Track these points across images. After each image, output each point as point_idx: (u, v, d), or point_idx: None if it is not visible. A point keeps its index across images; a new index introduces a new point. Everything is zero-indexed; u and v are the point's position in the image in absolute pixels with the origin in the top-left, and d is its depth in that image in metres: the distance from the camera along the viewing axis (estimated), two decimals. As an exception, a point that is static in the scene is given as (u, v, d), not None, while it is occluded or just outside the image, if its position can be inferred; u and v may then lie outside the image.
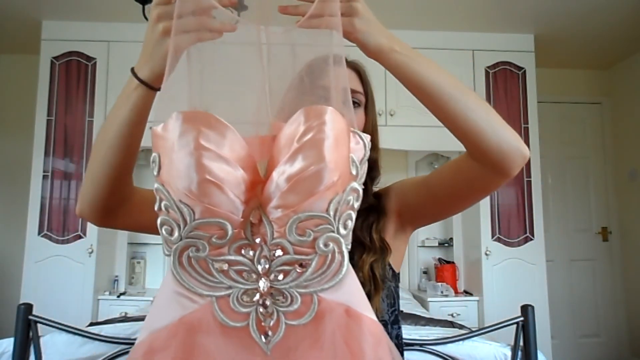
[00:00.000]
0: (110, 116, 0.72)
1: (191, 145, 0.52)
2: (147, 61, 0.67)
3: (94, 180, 0.75)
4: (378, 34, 0.69)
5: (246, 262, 0.55)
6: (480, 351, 1.50)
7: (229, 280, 0.55)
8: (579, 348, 3.88)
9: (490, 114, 0.71)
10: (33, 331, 1.35)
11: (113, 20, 3.25)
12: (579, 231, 4.06)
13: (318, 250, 0.55)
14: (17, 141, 3.69)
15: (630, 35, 3.52)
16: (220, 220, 0.53)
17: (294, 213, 0.54)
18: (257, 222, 0.55)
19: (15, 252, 3.42)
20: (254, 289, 0.55)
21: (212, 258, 0.54)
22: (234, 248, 0.55)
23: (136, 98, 0.68)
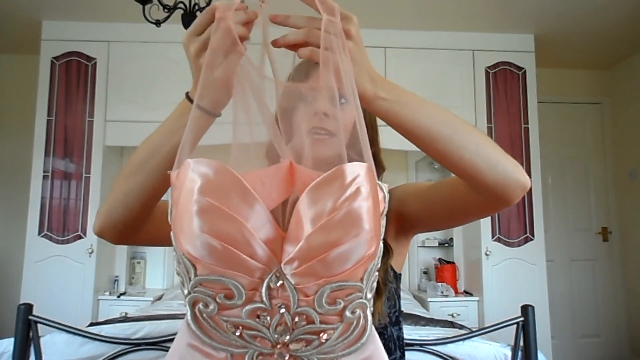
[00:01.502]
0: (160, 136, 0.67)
1: (194, 197, 0.48)
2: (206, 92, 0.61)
3: (125, 202, 0.70)
4: (362, 77, 0.60)
5: (262, 329, 0.51)
6: (480, 351, 1.50)
7: (243, 341, 0.51)
8: (579, 348, 3.88)
9: (486, 148, 0.67)
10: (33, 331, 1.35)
11: (113, 20, 3.25)
12: (579, 231, 4.06)
13: (345, 318, 0.51)
14: (17, 141, 3.69)
15: (630, 35, 3.52)
16: (223, 279, 0.49)
17: (326, 283, 0.49)
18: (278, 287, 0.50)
19: (15, 252, 3.42)
20: (270, 353, 0.51)
21: (222, 317, 0.51)
22: (248, 311, 0.50)
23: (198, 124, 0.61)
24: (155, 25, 2.21)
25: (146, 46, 3.28)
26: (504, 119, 3.40)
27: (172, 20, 2.25)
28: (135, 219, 0.73)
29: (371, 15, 3.22)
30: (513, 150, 3.38)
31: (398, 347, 0.92)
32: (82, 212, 3.16)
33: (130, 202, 0.70)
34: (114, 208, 0.73)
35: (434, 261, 3.67)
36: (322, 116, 0.74)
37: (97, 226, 0.75)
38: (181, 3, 2.20)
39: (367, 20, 3.28)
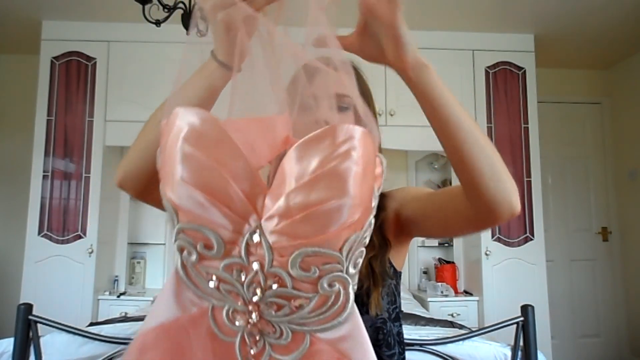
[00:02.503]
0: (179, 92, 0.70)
1: (178, 145, 0.48)
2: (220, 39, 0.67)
3: (147, 149, 0.71)
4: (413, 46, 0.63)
5: (237, 285, 0.49)
6: (480, 351, 1.50)
7: (219, 294, 0.50)
8: (579, 348, 3.88)
9: (496, 159, 0.68)
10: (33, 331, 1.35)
11: (113, 20, 3.25)
12: (579, 231, 4.06)
13: (320, 289, 0.48)
14: (17, 141, 3.69)
15: (630, 35, 3.52)
16: (202, 228, 0.48)
17: (301, 246, 0.47)
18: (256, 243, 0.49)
19: (15, 252, 3.42)
20: (243, 312, 0.50)
21: (201, 267, 0.50)
22: (225, 265, 0.49)
23: (217, 78, 0.68)
24: (155, 25, 2.21)
25: (146, 46, 3.28)
26: (504, 119, 3.40)
27: (172, 20, 2.25)
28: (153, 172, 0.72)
29: (371, 15, 3.22)
30: (513, 150, 3.38)
31: (398, 343, 0.92)
32: (82, 212, 3.16)
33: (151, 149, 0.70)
34: (133, 157, 0.74)
35: (434, 261, 3.67)
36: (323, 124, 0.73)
37: (118, 177, 0.76)
38: (181, 3, 2.20)
39: (367, 20, 3.28)
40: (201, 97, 0.70)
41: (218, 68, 0.68)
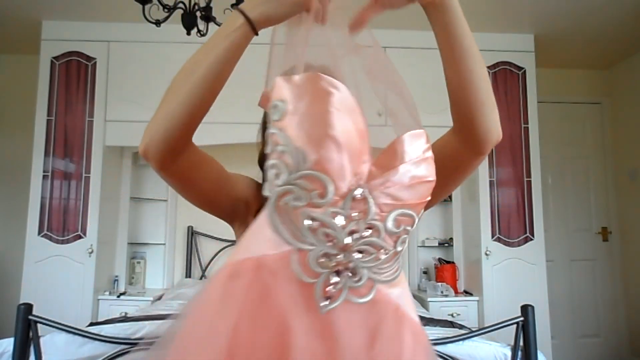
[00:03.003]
0: (200, 52, 0.73)
1: (325, 102, 0.56)
2: (265, 4, 0.69)
3: (172, 115, 0.72)
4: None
5: (337, 228, 0.56)
6: (480, 351, 1.50)
7: (314, 238, 0.57)
8: (579, 348, 3.88)
9: (491, 91, 0.76)
10: (33, 331, 1.35)
11: (113, 20, 3.25)
12: (579, 231, 4.06)
13: (398, 245, 0.60)
14: (17, 141, 3.69)
15: (630, 35, 3.52)
16: (326, 178, 0.55)
17: (401, 207, 0.59)
18: (360, 198, 0.57)
19: (15, 252, 3.42)
20: (334, 254, 0.57)
21: (307, 211, 0.56)
22: (329, 212, 0.56)
23: (236, 37, 0.70)
24: (155, 25, 2.21)
25: (146, 46, 3.28)
26: (504, 119, 3.40)
27: (172, 20, 2.25)
28: (179, 138, 0.74)
29: (371, 15, 3.22)
30: (513, 150, 3.38)
31: None
32: (82, 212, 3.16)
33: (175, 114, 0.72)
34: (157, 124, 0.73)
35: (434, 261, 3.67)
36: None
37: (142, 145, 0.74)
38: (181, 3, 2.20)
39: (367, 20, 3.27)
40: (226, 57, 0.71)
41: (244, 25, 0.70)
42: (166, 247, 3.64)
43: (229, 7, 2.23)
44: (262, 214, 0.60)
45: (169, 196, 3.63)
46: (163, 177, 0.80)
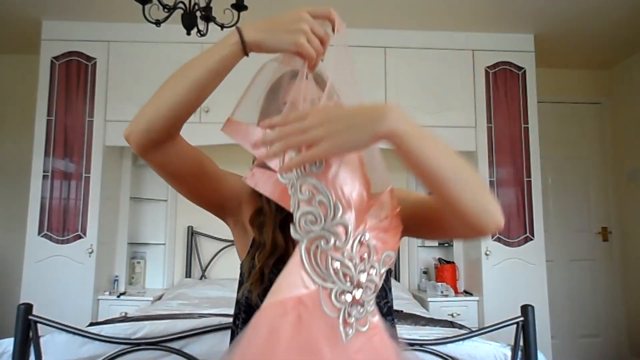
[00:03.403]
0: (195, 60, 0.78)
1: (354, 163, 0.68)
2: (263, 32, 0.75)
3: (158, 108, 0.78)
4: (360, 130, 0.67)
5: (352, 269, 0.67)
6: (480, 351, 1.50)
7: (335, 277, 0.66)
8: (579, 348, 3.88)
9: (480, 193, 0.72)
10: (33, 331, 1.35)
11: (113, 20, 3.25)
12: (579, 231, 4.06)
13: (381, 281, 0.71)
14: (17, 141, 3.69)
15: (630, 35, 3.52)
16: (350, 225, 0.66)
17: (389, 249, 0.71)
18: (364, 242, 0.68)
19: (15, 252, 3.42)
20: (349, 291, 0.67)
21: (332, 254, 0.66)
22: (347, 255, 0.67)
23: (228, 53, 0.75)
24: (155, 25, 2.21)
25: (146, 46, 3.28)
26: (504, 119, 3.40)
27: (172, 20, 2.25)
28: (161, 130, 0.80)
29: (371, 15, 3.22)
30: (513, 150, 3.38)
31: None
32: (82, 212, 3.16)
33: (162, 108, 0.79)
34: (144, 113, 0.80)
35: (434, 261, 3.67)
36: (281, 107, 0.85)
37: (127, 130, 0.80)
38: (181, 3, 2.20)
39: (367, 20, 3.28)
40: (216, 69, 0.76)
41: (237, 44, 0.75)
42: (166, 247, 3.64)
43: (229, 7, 2.23)
44: (294, 256, 0.67)
45: (169, 196, 3.63)
46: (144, 160, 0.85)
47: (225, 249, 3.59)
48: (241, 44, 0.74)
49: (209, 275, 3.63)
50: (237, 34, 0.75)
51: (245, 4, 2.24)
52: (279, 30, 0.74)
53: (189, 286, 3.25)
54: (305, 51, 0.74)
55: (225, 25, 2.31)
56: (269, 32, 0.74)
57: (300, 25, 0.73)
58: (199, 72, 0.76)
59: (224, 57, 0.75)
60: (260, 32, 0.74)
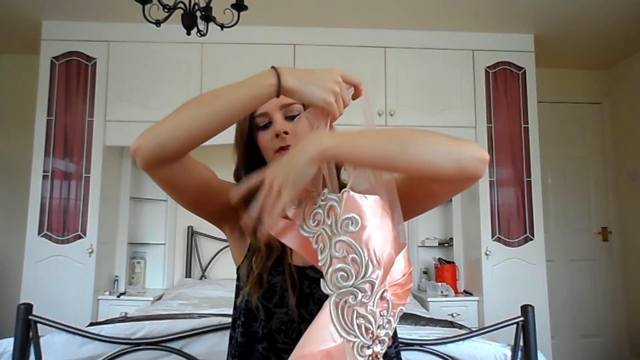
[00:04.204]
0: (226, 89, 0.79)
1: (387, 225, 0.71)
2: (300, 82, 0.78)
3: (176, 129, 0.77)
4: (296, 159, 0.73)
5: (374, 324, 0.70)
6: (480, 351, 1.50)
7: (358, 331, 0.69)
8: (579, 348, 3.88)
9: (443, 146, 0.75)
10: (33, 331, 1.35)
11: (113, 20, 3.25)
12: (579, 231, 4.06)
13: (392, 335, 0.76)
14: (17, 141, 3.69)
15: (630, 35, 3.52)
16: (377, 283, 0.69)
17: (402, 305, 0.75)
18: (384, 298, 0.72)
19: (15, 252, 3.42)
20: (369, 345, 0.70)
21: (357, 309, 0.69)
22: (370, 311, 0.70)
23: (262, 92, 0.77)
24: (155, 25, 2.21)
25: (146, 46, 3.28)
26: (504, 119, 3.40)
27: (172, 20, 2.25)
28: (172, 151, 0.79)
29: (371, 15, 3.22)
30: (513, 150, 3.38)
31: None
32: (82, 212, 3.16)
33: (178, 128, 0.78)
34: (158, 130, 0.78)
35: (434, 261, 3.67)
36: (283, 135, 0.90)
37: (135, 143, 0.78)
38: (181, 3, 2.20)
39: (367, 20, 3.28)
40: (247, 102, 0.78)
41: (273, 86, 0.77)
42: (166, 247, 3.64)
43: (229, 7, 2.23)
44: (324, 310, 0.69)
45: (169, 196, 3.62)
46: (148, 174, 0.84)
47: (225, 249, 3.59)
48: (277, 86, 0.77)
49: (209, 275, 3.63)
50: (276, 77, 0.77)
51: (245, 4, 2.24)
52: (315, 84, 0.78)
53: (188, 286, 3.25)
54: (332, 110, 0.78)
55: (225, 25, 2.31)
56: (305, 83, 0.78)
57: (334, 87, 0.78)
58: (228, 104, 0.77)
59: (257, 95, 0.77)
60: (298, 81, 0.78)
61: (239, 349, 0.95)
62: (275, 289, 0.92)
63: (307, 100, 0.79)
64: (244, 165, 1.00)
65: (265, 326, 0.93)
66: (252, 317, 0.95)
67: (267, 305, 0.93)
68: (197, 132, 0.77)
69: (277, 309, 0.92)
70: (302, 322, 0.92)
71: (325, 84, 0.78)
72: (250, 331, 0.95)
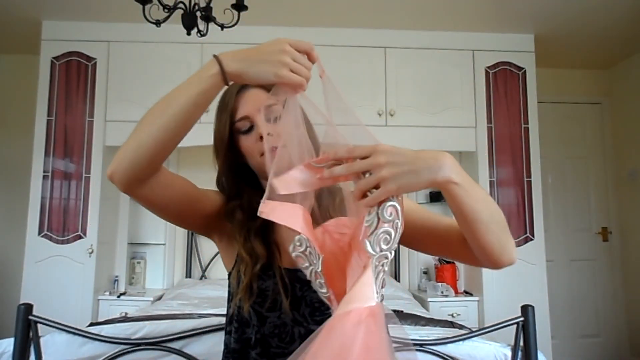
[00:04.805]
0: (174, 93, 0.77)
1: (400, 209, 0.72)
2: (243, 63, 0.74)
3: (139, 147, 0.76)
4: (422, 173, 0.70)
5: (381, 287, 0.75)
6: (480, 351, 1.50)
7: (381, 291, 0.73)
8: (579, 348, 3.88)
9: (503, 233, 0.79)
10: (33, 331, 1.35)
11: (113, 20, 3.25)
12: (579, 231, 4.05)
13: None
14: (17, 141, 3.69)
15: (630, 35, 3.52)
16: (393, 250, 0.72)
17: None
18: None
19: (15, 252, 3.42)
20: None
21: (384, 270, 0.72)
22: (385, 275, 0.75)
23: (208, 84, 0.75)
24: (155, 25, 2.21)
25: (146, 46, 3.28)
26: (504, 119, 3.40)
27: (172, 20, 2.25)
28: (145, 168, 0.79)
29: (371, 15, 3.22)
30: (513, 150, 3.38)
31: None
32: (82, 212, 3.16)
33: (142, 147, 0.77)
34: (125, 153, 0.77)
35: (434, 261, 3.67)
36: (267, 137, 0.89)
37: (109, 170, 0.79)
38: (181, 3, 2.20)
39: (367, 20, 3.28)
40: (197, 100, 0.75)
41: (217, 75, 0.74)
42: (166, 247, 3.64)
43: (229, 7, 2.23)
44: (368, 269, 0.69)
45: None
46: (130, 196, 0.84)
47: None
48: (222, 74, 0.74)
49: (209, 275, 3.63)
50: (217, 65, 0.74)
51: (245, 4, 2.24)
52: (260, 60, 0.73)
53: (188, 286, 3.25)
54: (291, 81, 0.73)
55: (225, 25, 2.31)
56: (249, 62, 0.74)
57: (281, 57, 0.73)
58: (179, 106, 0.75)
59: (204, 90, 0.75)
60: (241, 63, 0.74)
61: (233, 355, 0.95)
62: (266, 293, 0.92)
63: (257, 81, 0.75)
64: (225, 172, 1.00)
65: (259, 331, 0.92)
66: (245, 324, 0.95)
67: (259, 311, 0.93)
68: (160, 144, 0.76)
69: (270, 313, 0.92)
70: (295, 325, 0.92)
71: (272, 56, 0.73)
72: (243, 337, 0.95)
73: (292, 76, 0.73)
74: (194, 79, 0.76)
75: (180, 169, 3.58)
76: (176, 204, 0.91)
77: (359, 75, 3.34)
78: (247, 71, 0.74)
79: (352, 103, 3.21)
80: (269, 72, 0.73)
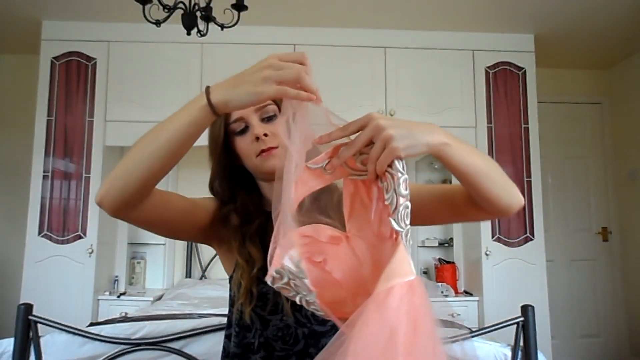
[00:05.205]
0: (166, 122, 0.76)
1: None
2: (227, 90, 0.71)
3: (128, 176, 0.76)
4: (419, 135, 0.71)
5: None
6: (480, 351, 1.50)
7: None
8: (579, 348, 3.88)
9: (506, 181, 0.83)
10: (33, 331, 1.35)
11: (113, 20, 3.25)
12: (579, 231, 4.05)
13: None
14: (17, 141, 3.69)
15: (630, 35, 3.52)
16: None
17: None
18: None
19: (15, 252, 3.42)
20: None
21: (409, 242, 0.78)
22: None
23: (198, 117, 0.73)
24: (155, 25, 2.21)
25: (146, 46, 3.28)
26: (504, 119, 3.40)
27: (172, 20, 2.25)
28: (133, 195, 0.78)
29: (371, 15, 3.22)
30: (513, 150, 3.38)
31: None
32: (82, 212, 3.16)
33: (131, 176, 0.76)
34: (114, 180, 0.77)
35: (434, 261, 3.67)
36: (263, 137, 0.90)
37: (98, 196, 0.79)
38: (181, 3, 2.20)
39: (367, 20, 3.28)
40: (187, 132, 0.74)
41: (205, 107, 0.72)
42: (166, 247, 3.64)
43: (229, 7, 2.23)
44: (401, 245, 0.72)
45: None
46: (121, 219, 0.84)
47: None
48: (210, 106, 0.71)
49: (209, 275, 3.63)
50: (205, 97, 0.72)
51: (245, 4, 2.24)
52: (242, 82, 0.70)
53: (189, 286, 3.25)
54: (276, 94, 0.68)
55: (225, 25, 2.31)
56: (232, 88, 0.70)
57: (264, 73, 0.68)
58: (171, 137, 0.74)
59: (193, 121, 0.73)
60: (226, 91, 0.71)
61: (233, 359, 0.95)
62: (267, 296, 0.92)
63: (245, 104, 0.71)
64: (219, 175, 1.00)
65: (262, 335, 0.92)
66: (246, 328, 0.95)
67: (261, 314, 0.93)
68: (150, 172, 0.76)
69: (272, 316, 0.92)
70: (298, 326, 0.92)
71: (253, 76, 0.69)
72: (244, 342, 0.94)
73: (278, 89, 0.67)
74: (186, 110, 0.74)
75: (181, 169, 3.58)
76: (170, 221, 0.91)
77: (359, 75, 3.34)
78: (231, 98, 0.70)
79: (352, 103, 3.21)
80: (254, 92, 0.68)
